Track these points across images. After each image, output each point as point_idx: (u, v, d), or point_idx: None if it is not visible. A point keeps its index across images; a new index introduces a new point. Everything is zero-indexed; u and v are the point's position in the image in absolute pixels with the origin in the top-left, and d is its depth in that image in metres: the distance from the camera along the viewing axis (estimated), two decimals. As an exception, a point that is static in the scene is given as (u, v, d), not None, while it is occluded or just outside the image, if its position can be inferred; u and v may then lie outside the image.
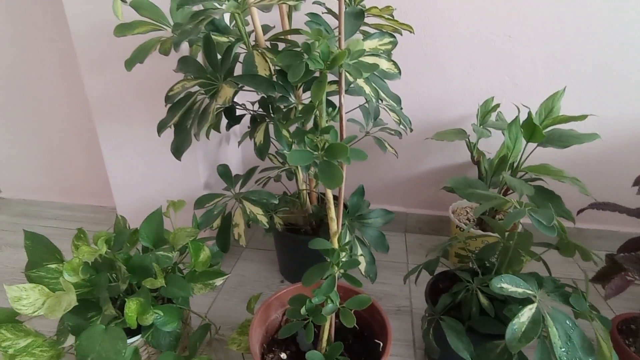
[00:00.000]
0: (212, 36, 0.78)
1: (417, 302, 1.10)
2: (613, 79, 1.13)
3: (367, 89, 0.73)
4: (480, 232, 1.11)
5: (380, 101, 0.79)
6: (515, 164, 1.04)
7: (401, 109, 0.86)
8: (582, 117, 0.93)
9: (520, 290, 0.63)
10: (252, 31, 0.85)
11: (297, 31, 0.75)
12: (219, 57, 0.76)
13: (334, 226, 0.65)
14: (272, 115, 0.92)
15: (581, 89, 1.16)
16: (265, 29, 0.93)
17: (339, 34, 0.61)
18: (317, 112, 0.63)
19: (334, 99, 0.87)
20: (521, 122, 0.97)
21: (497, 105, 1.10)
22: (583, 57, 1.12)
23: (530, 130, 0.96)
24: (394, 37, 0.82)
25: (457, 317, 0.76)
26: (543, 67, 1.14)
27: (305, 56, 0.58)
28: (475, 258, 0.83)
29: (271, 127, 0.87)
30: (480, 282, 0.75)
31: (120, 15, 0.66)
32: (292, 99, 0.77)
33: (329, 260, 0.64)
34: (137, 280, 0.77)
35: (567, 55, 1.12)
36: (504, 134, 1.11)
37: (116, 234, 0.79)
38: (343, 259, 0.65)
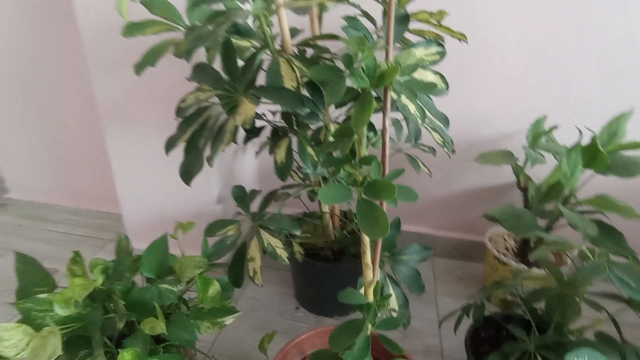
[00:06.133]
0: (232, 40, 0.68)
1: (448, 343, 0.98)
2: (685, 99, 0.99)
3: (412, 108, 0.62)
4: (524, 267, 0.99)
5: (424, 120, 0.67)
6: (569, 194, 0.91)
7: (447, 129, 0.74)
8: (656, 145, 0.80)
9: (599, 367, 0.51)
10: (277, 34, 0.74)
11: (335, 37, 0.64)
12: (240, 64, 0.65)
13: (369, 275, 0.54)
14: (295, 128, 0.81)
15: (646, 109, 1.02)
16: (293, 32, 0.82)
17: (387, 43, 0.50)
18: (356, 137, 0.52)
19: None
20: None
21: (554, 128, 0.97)
22: (651, 73, 0.98)
23: (592, 156, 0.83)
24: (442, 46, 0.70)
25: (506, 380, 0.64)
26: (602, 82, 1.01)
27: (346, 71, 0.47)
28: (527, 307, 0.71)
29: (294, 139, 0.76)
30: (539, 342, 0.63)
31: (126, 15, 0.56)
32: (322, 116, 0.66)
33: (362, 314, 0.54)
34: (136, 317, 0.67)
35: (632, 70, 0.98)
36: (555, 158, 0.98)
37: (115, 262, 0.70)
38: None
